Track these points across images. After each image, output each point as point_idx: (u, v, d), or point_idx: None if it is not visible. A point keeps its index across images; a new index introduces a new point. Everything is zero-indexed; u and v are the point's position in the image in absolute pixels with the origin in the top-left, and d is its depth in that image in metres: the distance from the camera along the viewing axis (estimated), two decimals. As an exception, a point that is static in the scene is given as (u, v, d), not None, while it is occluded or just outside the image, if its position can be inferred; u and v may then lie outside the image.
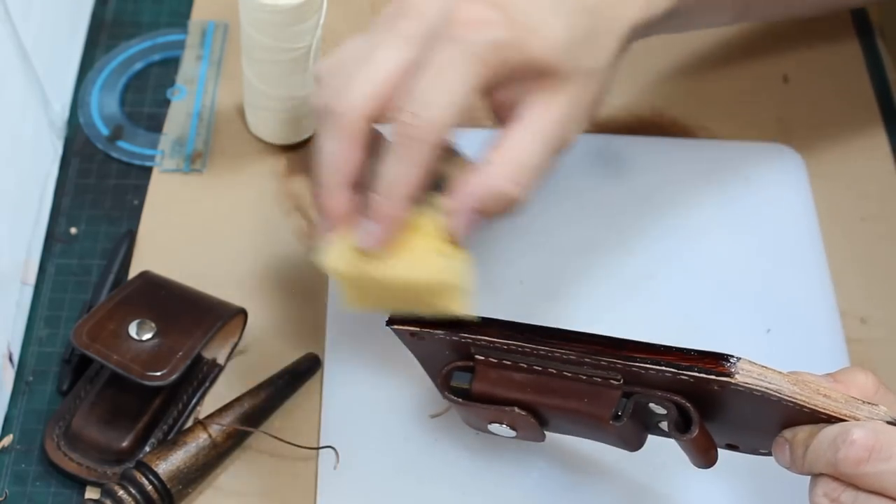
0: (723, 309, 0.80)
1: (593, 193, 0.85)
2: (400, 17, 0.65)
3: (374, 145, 0.65)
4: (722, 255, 0.83)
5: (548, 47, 0.65)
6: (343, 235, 0.65)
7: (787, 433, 0.62)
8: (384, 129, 0.65)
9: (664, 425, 0.65)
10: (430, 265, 0.64)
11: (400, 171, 0.63)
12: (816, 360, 0.64)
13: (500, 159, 0.65)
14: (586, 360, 0.64)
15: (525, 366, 0.65)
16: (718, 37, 0.94)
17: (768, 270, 0.82)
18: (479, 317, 0.66)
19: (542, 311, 0.78)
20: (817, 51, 0.95)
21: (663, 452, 0.71)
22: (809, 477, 0.62)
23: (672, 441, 0.67)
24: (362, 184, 0.66)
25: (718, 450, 0.66)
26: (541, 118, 0.66)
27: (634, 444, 0.67)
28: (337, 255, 0.65)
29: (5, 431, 0.75)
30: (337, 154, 0.65)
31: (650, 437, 0.68)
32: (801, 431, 0.62)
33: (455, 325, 0.66)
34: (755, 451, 0.67)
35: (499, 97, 0.67)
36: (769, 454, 0.66)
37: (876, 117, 0.92)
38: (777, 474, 0.72)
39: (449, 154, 0.67)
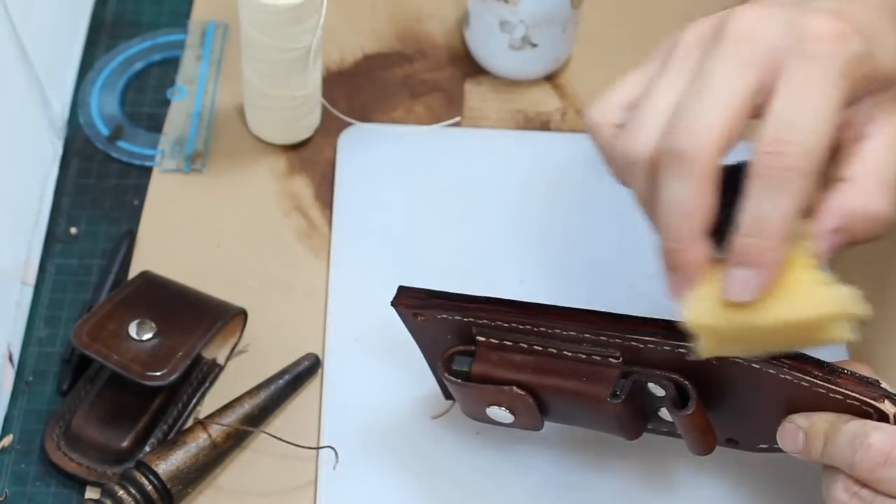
0: (723, 309, 0.80)
1: (593, 193, 0.85)
2: (725, 42, 0.59)
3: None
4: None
5: (890, 59, 0.61)
6: (702, 286, 0.60)
7: (802, 421, 0.62)
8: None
9: (664, 413, 0.65)
10: (814, 299, 0.58)
11: (773, 206, 0.57)
12: (816, 360, 0.64)
13: (864, 176, 0.60)
14: (586, 335, 0.64)
15: (525, 346, 0.66)
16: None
17: (768, 270, 0.82)
18: (483, 296, 0.66)
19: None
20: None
21: (664, 453, 0.71)
22: (821, 466, 0.62)
23: (672, 441, 0.67)
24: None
25: (718, 448, 0.67)
26: (893, 132, 0.61)
27: (632, 430, 0.67)
28: (702, 309, 0.59)
29: (5, 431, 0.75)
30: (692, 200, 0.58)
31: (651, 438, 0.69)
32: (820, 421, 0.61)
33: (458, 304, 0.66)
34: (755, 447, 0.67)
35: None
36: (769, 450, 0.65)
37: (876, 117, 0.91)
38: (775, 475, 0.72)
39: None
